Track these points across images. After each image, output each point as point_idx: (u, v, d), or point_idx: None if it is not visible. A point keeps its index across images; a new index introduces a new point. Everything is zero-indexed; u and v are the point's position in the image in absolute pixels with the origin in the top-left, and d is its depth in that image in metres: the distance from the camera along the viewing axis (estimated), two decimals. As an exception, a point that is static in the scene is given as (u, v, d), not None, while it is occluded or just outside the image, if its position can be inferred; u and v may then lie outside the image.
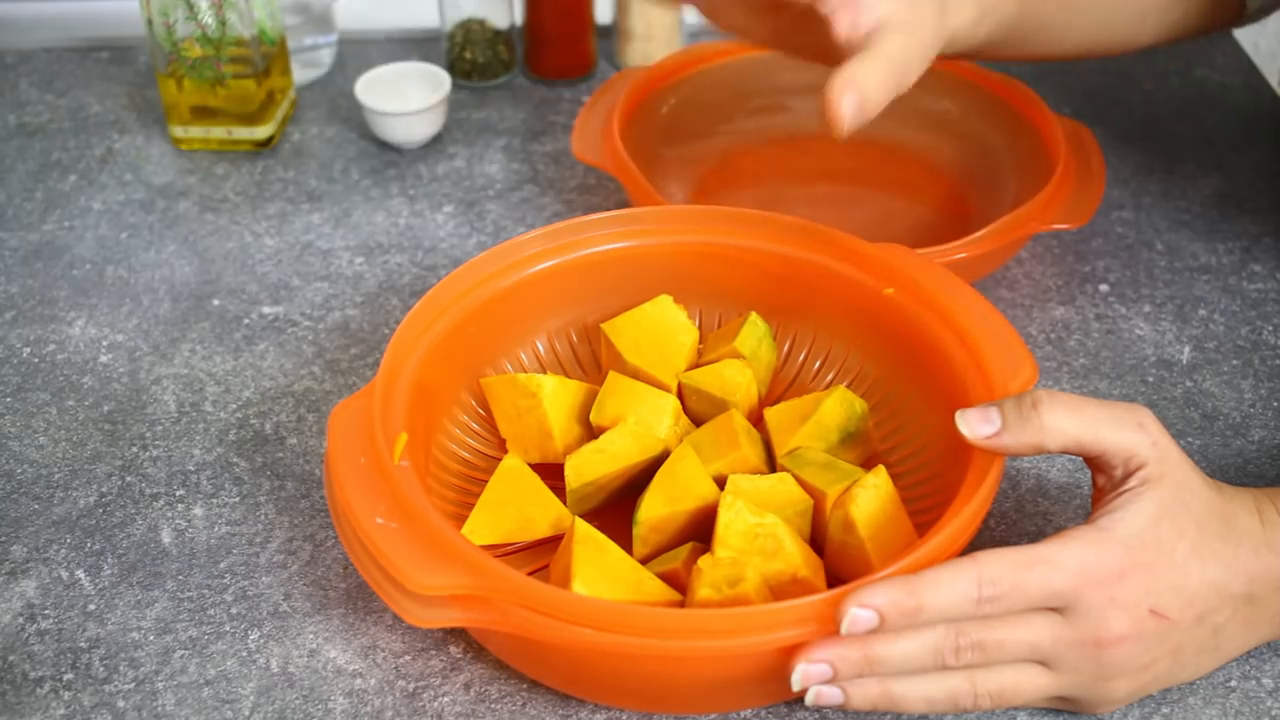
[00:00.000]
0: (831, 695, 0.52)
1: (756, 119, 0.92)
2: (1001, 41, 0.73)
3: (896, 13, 0.61)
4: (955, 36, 0.68)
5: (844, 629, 0.51)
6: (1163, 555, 0.54)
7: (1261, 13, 0.80)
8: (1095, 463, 0.57)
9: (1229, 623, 0.56)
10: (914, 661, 0.52)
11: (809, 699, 0.53)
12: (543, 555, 0.64)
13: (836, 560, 0.61)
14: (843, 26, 0.61)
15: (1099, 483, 0.57)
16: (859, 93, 0.59)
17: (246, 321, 0.80)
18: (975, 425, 0.56)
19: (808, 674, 0.52)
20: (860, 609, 0.51)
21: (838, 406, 0.65)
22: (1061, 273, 0.83)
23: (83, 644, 0.62)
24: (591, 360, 0.73)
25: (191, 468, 0.71)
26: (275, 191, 0.91)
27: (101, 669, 0.61)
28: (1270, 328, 0.79)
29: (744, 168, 0.91)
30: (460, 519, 0.63)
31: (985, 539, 0.66)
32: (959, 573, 0.52)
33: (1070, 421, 0.55)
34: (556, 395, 0.66)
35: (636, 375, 0.68)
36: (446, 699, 0.60)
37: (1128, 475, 0.55)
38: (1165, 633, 0.54)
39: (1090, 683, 0.55)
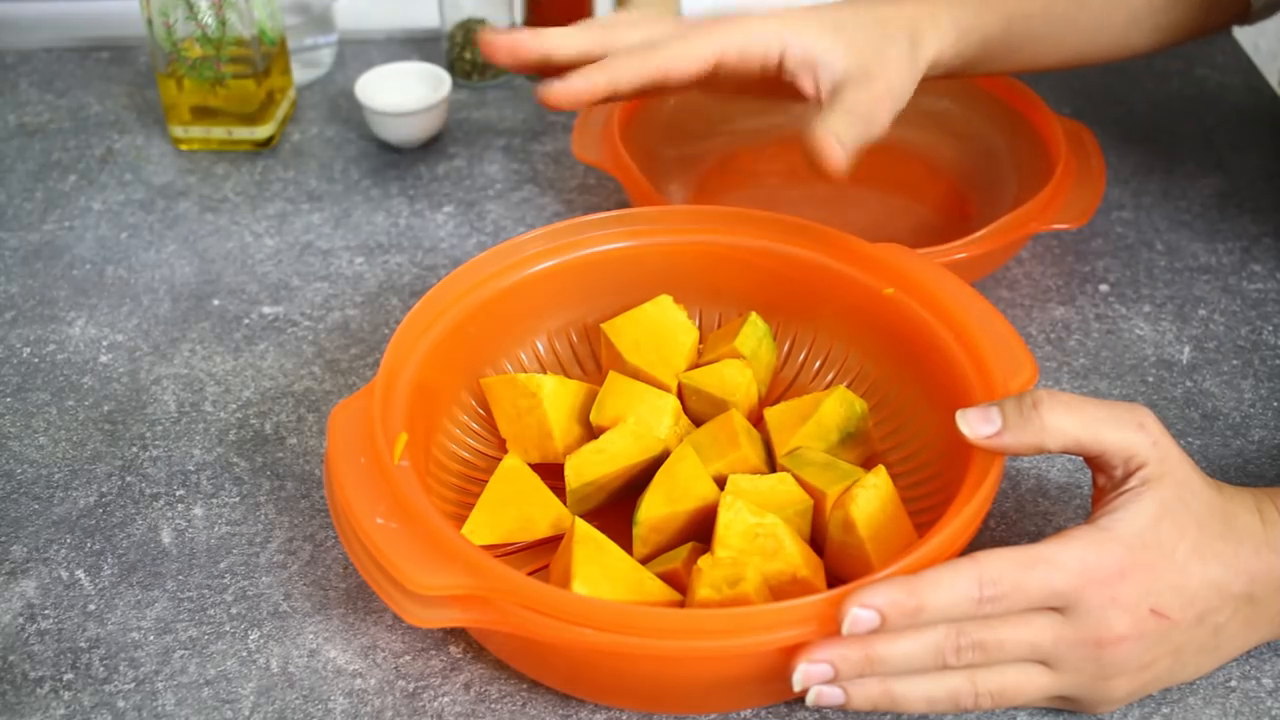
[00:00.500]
0: (832, 695, 0.52)
1: (756, 119, 0.92)
2: (987, 58, 0.74)
3: (853, 69, 0.68)
4: (937, 62, 0.71)
5: (845, 629, 0.51)
6: (1163, 555, 0.54)
7: (1267, 10, 0.80)
8: (1095, 462, 0.57)
9: (1229, 622, 0.56)
10: (915, 661, 0.52)
11: (810, 699, 0.53)
12: (543, 555, 0.63)
13: (836, 560, 0.61)
14: (807, 87, 0.69)
15: (1099, 482, 0.57)
16: (836, 136, 0.65)
17: (246, 321, 0.80)
18: (976, 425, 0.56)
19: (809, 674, 0.52)
20: (861, 609, 0.51)
21: (838, 406, 0.65)
22: (1061, 273, 0.83)
23: (83, 644, 0.62)
24: (591, 360, 0.73)
25: (191, 468, 0.71)
26: (275, 191, 0.91)
27: (101, 669, 0.61)
28: (1270, 328, 0.79)
29: (744, 168, 0.91)
30: (460, 519, 0.63)
31: (985, 539, 0.66)
32: (959, 573, 0.52)
33: (1071, 421, 0.55)
34: (556, 395, 0.66)
35: (636, 375, 0.68)
36: (446, 699, 0.60)
37: (1128, 475, 0.55)
38: (1166, 632, 0.54)
39: (1091, 682, 0.55)
